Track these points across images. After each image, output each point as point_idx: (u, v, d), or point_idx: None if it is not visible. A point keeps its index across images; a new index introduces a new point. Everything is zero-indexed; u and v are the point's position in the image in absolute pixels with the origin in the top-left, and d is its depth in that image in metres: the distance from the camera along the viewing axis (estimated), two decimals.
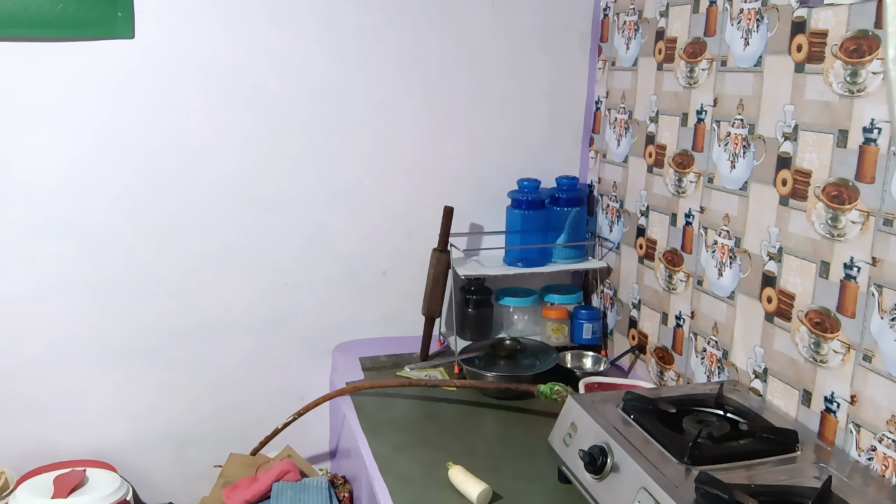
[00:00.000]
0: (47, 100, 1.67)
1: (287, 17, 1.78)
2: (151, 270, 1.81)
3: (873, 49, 1.15)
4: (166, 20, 1.70)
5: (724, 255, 1.51)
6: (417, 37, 1.88)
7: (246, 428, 1.94)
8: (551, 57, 2.00)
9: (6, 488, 1.70)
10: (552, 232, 1.96)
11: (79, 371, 1.81)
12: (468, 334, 1.95)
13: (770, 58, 1.37)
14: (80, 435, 1.84)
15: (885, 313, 1.14)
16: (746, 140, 1.44)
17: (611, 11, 1.93)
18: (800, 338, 1.32)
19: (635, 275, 1.84)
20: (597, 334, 1.95)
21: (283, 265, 1.91)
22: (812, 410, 1.30)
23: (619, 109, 1.90)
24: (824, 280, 1.26)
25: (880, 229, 1.15)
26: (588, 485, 1.19)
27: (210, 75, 1.75)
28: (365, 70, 1.86)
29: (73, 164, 1.71)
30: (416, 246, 1.96)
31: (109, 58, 1.68)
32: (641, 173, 1.80)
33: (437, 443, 1.50)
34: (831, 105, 1.23)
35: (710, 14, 1.53)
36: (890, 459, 1.15)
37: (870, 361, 1.18)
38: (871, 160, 1.16)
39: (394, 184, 1.96)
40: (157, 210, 1.79)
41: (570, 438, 1.29)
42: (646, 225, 1.79)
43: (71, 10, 1.62)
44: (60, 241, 1.73)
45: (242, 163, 1.82)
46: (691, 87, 1.60)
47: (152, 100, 1.73)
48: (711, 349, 1.56)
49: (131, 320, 1.83)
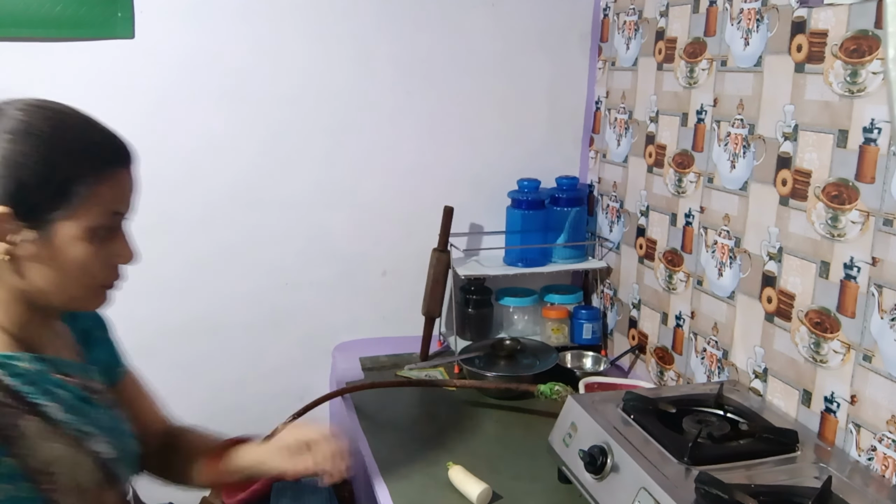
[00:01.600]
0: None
1: (287, 17, 1.78)
2: (151, 270, 1.81)
3: (873, 49, 1.15)
4: (166, 20, 1.70)
5: (724, 255, 1.51)
6: (417, 37, 1.88)
7: (246, 428, 1.93)
8: (551, 57, 2.00)
9: None
10: (552, 232, 1.96)
11: None
12: (468, 334, 1.95)
13: (770, 58, 1.37)
14: None
15: (885, 313, 1.14)
16: (746, 140, 1.44)
17: (611, 11, 1.93)
18: (800, 338, 1.32)
19: (635, 275, 1.84)
20: (597, 334, 1.95)
21: (283, 265, 1.91)
22: (812, 410, 1.30)
23: (619, 109, 1.90)
24: (824, 280, 1.26)
25: (880, 229, 1.15)
26: (588, 485, 1.19)
27: (210, 75, 1.75)
28: (365, 70, 1.86)
29: None
30: (416, 246, 1.96)
31: (109, 58, 1.68)
32: (641, 173, 1.80)
33: (437, 443, 1.50)
34: (831, 105, 1.23)
35: (710, 14, 1.53)
36: (890, 459, 1.15)
37: (870, 361, 1.18)
38: (871, 160, 1.16)
39: (394, 184, 1.95)
40: (157, 210, 1.78)
41: (570, 438, 1.29)
42: (646, 225, 1.79)
43: (71, 10, 1.62)
44: None
45: (242, 163, 1.82)
46: (691, 87, 1.60)
47: (152, 100, 1.73)
48: (711, 349, 1.56)
49: (131, 320, 1.82)
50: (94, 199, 0.87)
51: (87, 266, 0.89)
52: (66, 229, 0.87)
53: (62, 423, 0.90)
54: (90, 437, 0.94)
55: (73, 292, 0.91)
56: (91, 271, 0.90)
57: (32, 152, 0.84)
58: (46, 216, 0.86)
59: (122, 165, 0.92)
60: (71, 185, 0.86)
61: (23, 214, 0.85)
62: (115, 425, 1.02)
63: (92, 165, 0.88)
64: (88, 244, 0.88)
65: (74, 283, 0.90)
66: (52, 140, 0.86)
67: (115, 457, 0.97)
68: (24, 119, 0.86)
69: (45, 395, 0.90)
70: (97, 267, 0.91)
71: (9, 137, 0.84)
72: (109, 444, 0.97)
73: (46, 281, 0.88)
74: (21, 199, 0.84)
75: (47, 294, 0.90)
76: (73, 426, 0.92)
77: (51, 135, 0.86)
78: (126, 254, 0.94)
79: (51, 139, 0.86)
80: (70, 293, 0.91)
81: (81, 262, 0.89)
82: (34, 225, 0.86)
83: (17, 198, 0.84)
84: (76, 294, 0.92)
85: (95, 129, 0.91)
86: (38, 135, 0.85)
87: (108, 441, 0.96)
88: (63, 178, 0.86)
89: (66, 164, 0.86)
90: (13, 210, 0.84)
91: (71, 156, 0.87)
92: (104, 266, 0.92)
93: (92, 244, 0.89)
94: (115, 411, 1.05)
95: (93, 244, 0.89)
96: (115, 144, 0.92)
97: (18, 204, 0.84)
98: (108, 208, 0.89)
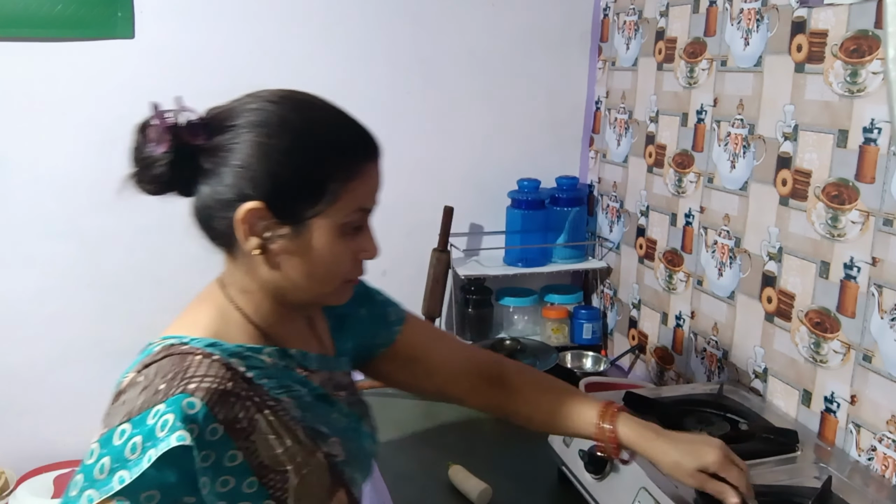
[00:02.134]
0: (47, 100, 1.67)
1: (287, 17, 1.78)
2: (151, 270, 1.81)
3: (873, 49, 1.15)
4: (166, 20, 1.70)
5: (724, 255, 1.51)
6: (417, 37, 1.88)
7: None
8: (551, 57, 2.00)
9: (6, 488, 1.70)
10: (552, 232, 1.96)
11: (79, 371, 1.80)
12: (468, 334, 1.95)
13: (770, 58, 1.37)
14: (80, 435, 1.83)
15: (885, 313, 1.14)
16: (746, 140, 1.44)
17: (611, 11, 1.93)
18: (800, 338, 1.32)
19: (635, 275, 1.84)
20: (597, 334, 1.95)
21: None
22: (812, 410, 1.30)
23: (619, 109, 1.90)
24: (824, 280, 1.26)
25: (880, 229, 1.15)
26: (588, 485, 1.19)
27: (210, 75, 1.75)
28: (365, 70, 1.86)
29: (73, 164, 1.71)
30: (416, 246, 1.96)
31: (109, 58, 1.68)
32: (641, 173, 1.80)
33: (437, 443, 1.50)
34: (831, 105, 1.23)
35: (710, 14, 1.53)
36: (890, 459, 1.15)
37: (870, 361, 1.18)
38: (871, 160, 1.16)
39: (393, 184, 1.94)
40: (157, 210, 1.77)
41: (570, 438, 1.29)
42: (646, 225, 1.79)
43: (71, 10, 1.62)
44: (60, 241, 1.73)
45: None
46: (691, 87, 1.60)
47: (152, 100, 1.72)
48: (711, 349, 1.56)
49: (131, 320, 1.82)
50: (347, 194, 0.85)
51: (337, 261, 0.87)
52: (319, 224, 0.84)
53: (297, 421, 0.87)
54: (324, 438, 0.91)
55: (321, 287, 0.89)
56: (340, 266, 0.88)
57: (287, 147, 0.82)
58: (300, 211, 0.84)
59: (372, 160, 0.89)
60: (325, 180, 0.84)
61: (276, 209, 0.83)
62: (352, 426, 0.98)
63: (345, 161, 0.86)
64: (338, 239, 0.86)
65: (323, 278, 0.88)
66: (306, 134, 0.84)
67: (346, 459, 0.93)
68: (277, 112, 0.84)
69: (284, 390, 0.88)
70: (345, 262, 0.88)
71: (263, 131, 0.82)
72: (342, 446, 0.93)
73: (296, 274, 0.86)
74: (275, 193, 0.82)
75: (297, 288, 0.88)
76: (308, 425, 0.89)
77: (305, 128, 0.84)
78: (371, 249, 0.91)
79: (305, 133, 0.84)
80: (318, 288, 0.89)
81: (331, 257, 0.86)
82: (287, 220, 0.84)
83: (272, 193, 0.82)
84: (324, 289, 0.90)
85: (348, 123, 0.89)
86: (292, 128, 0.83)
87: (341, 443, 0.93)
88: (318, 173, 0.83)
89: (321, 159, 0.84)
90: (267, 204, 0.82)
91: (325, 150, 0.84)
92: (351, 261, 0.89)
93: (342, 239, 0.86)
94: (355, 410, 1.01)
95: (342, 239, 0.86)
96: (365, 138, 0.89)
97: (272, 199, 0.82)
98: (359, 204, 0.87)
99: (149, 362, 0.81)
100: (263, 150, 0.82)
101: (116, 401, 0.80)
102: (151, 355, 0.82)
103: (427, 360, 1.11)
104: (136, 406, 0.77)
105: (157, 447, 0.74)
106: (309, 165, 0.83)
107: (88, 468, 0.76)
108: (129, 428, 0.76)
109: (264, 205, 0.82)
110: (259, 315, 0.90)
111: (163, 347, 0.83)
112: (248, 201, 0.82)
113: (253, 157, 0.82)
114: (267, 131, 0.82)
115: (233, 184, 0.82)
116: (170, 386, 0.78)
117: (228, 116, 0.85)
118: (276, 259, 0.86)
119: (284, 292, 0.89)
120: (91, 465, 0.76)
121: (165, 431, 0.75)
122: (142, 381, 0.79)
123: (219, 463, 0.79)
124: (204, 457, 0.77)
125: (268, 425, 0.84)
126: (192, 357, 0.81)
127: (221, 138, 0.83)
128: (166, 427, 0.75)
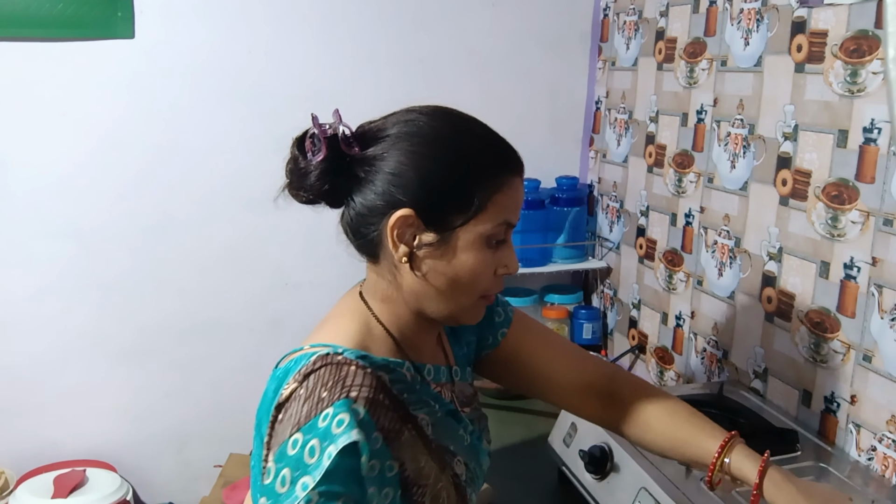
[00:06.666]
0: (47, 100, 1.67)
1: (287, 17, 1.78)
2: (151, 270, 1.81)
3: (873, 49, 1.15)
4: (166, 20, 1.70)
5: (724, 255, 1.51)
6: (417, 37, 1.88)
7: (246, 428, 1.93)
8: (551, 57, 1.99)
9: (6, 488, 1.70)
10: (552, 232, 1.96)
11: (79, 371, 1.80)
12: None
13: (770, 58, 1.37)
14: (80, 435, 1.84)
15: (885, 313, 1.14)
16: (746, 140, 1.44)
17: (611, 11, 1.93)
18: (800, 338, 1.32)
19: (635, 275, 1.84)
20: (597, 334, 1.95)
21: (283, 265, 1.91)
22: (812, 410, 1.30)
23: (619, 109, 1.90)
24: (824, 280, 1.26)
25: (880, 229, 1.15)
26: (588, 485, 1.19)
27: (210, 75, 1.75)
28: (365, 70, 1.86)
29: (72, 164, 1.71)
30: None
31: (109, 58, 1.68)
32: (641, 173, 1.80)
33: None
34: (831, 105, 1.23)
35: (710, 14, 1.53)
36: (890, 459, 1.15)
37: (870, 361, 1.18)
38: (871, 160, 1.16)
39: None
40: (157, 210, 1.78)
41: (570, 438, 1.29)
42: (646, 225, 1.79)
43: (71, 10, 1.62)
44: (60, 241, 1.73)
45: (242, 163, 1.82)
46: (691, 87, 1.60)
47: (152, 99, 1.73)
48: (711, 349, 1.56)
49: (131, 320, 1.83)
50: (493, 206, 0.86)
51: (479, 271, 0.87)
52: (465, 233, 0.86)
53: (429, 439, 0.88)
54: (452, 457, 0.92)
55: (461, 298, 0.89)
56: (481, 278, 0.88)
57: (440, 157, 0.85)
58: (448, 219, 0.85)
59: (517, 174, 0.91)
60: (473, 190, 0.85)
61: (426, 217, 0.84)
62: (473, 443, 0.99)
63: (493, 173, 0.87)
64: (482, 250, 0.87)
65: (465, 288, 0.88)
66: (456, 145, 0.86)
67: (468, 479, 0.94)
68: (429, 123, 0.87)
69: (421, 406, 0.89)
70: (487, 274, 0.89)
71: (415, 140, 0.85)
72: (466, 465, 0.94)
73: (440, 282, 0.87)
74: (426, 202, 0.84)
75: (438, 297, 0.88)
76: (440, 443, 0.90)
77: (457, 141, 0.87)
78: (512, 264, 0.91)
79: (455, 144, 0.86)
80: (458, 299, 0.89)
81: (474, 267, 0.87)
82: (435, 228, 0.85)
83: (422, 200, 0.84)
84: (463, 300, 0.90)
85: (495, 137, 0.92)
86: (443, 139, 0.86)
87: (465, 462, 0.94)
88: (467, 184, 0.85)
89: (471, 170, 0.86)
90: (416, 212, 0.84)
91: (476, 162, 0.86)
92: (492, 274, 0.90)
93: (485, 251, 0.87)
94: (476, 425, 1.01)
95: (486, 251, 0.87)
96: (511, 153, 0.91)
97: (422, 206, 0.84)
98: (504, 217, 0.88)
99: (307, 372, 0.82)
100: (415, 159, 0.84)
101: (280, 414, 0.82)
102: (308, 365, 0.83)
103: (531, 367, 1.07)
104: (302, 416, 0.78)
105: (335, 443, 0.75)
106: (458, 174, 0.85)
107: (269, 487, 0.77)
108: (300, 436, 0.77)
109: (414, 212, 0.84)
110: (397, 326, 0.91)
111: (318, 357, 0.83)
112: (399, 209, 0.84)
113: (405, 166, 0.84)
114: (419, 140, 0.85)
115: (384, 191, 0.85)
116: (332, 393, 0.78)
117: (381, 128, 0.88)
118: (421, 266, 0.87)
119: (425, 302, 0.89)
120: (271, 483, 0.77)
121: (343, 428, 0.76)
122: (303, 393, 0.80)
123: (382, 473, 0.80)
124: (371, 467, 0.78)
125: (411, 439, 0.85)
126: (347, 367, 0.82)
127: (375, 148, 0.87)
128: (342, 425, 0.76)
